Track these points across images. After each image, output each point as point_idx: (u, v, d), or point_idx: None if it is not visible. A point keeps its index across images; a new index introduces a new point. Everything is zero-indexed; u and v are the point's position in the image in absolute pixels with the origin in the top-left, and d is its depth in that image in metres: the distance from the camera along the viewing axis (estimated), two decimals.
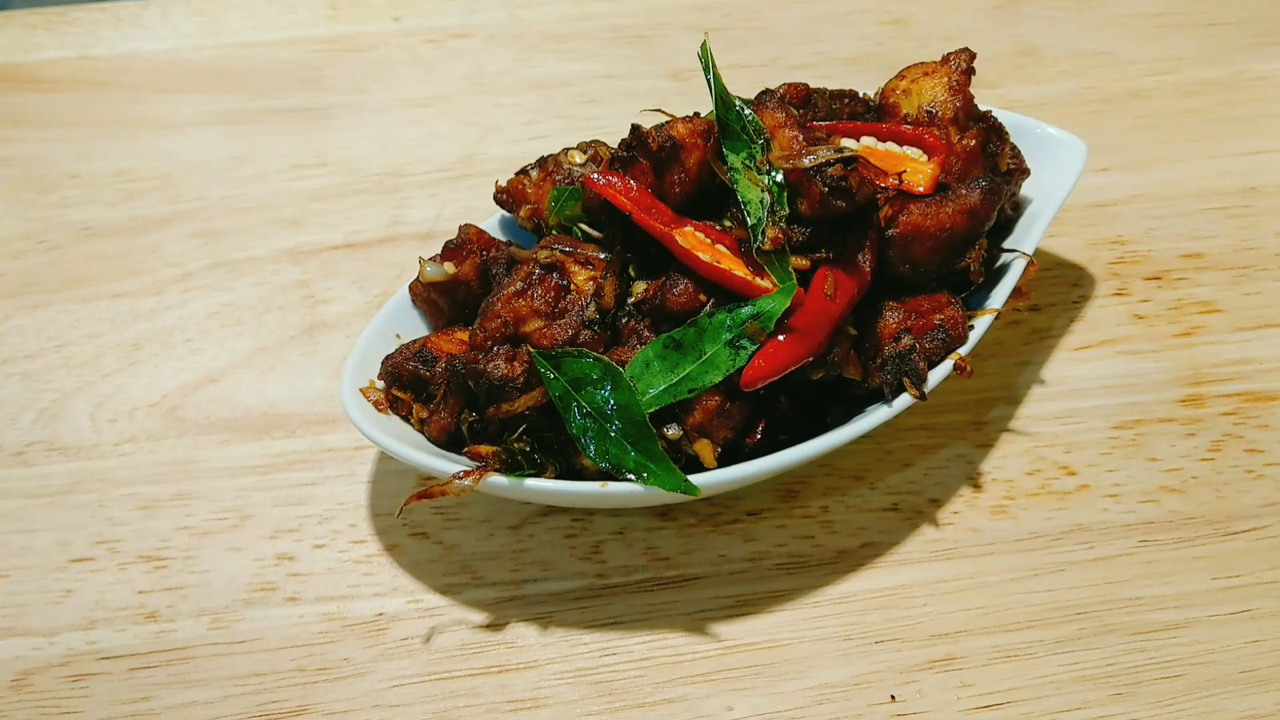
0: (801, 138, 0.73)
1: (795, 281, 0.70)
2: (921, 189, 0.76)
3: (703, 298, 0.71)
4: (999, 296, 0.79)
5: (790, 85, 0.81)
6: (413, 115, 1.15)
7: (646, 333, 0.72)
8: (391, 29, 1.26)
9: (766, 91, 0.78)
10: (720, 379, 0.69)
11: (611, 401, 0.68)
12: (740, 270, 0.71)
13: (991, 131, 0.82)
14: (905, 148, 0.78)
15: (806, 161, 0.71)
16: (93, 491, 0.82)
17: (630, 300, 0.73)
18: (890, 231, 0.75)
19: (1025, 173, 0.84)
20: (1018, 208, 0.86)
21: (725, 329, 0.70)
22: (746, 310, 0.69)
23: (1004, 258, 0.81)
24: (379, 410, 0.76)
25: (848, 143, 0.78)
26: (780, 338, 0.69)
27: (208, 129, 1.14)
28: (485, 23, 1.27)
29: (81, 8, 1.29)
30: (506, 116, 1.14)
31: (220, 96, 1.18)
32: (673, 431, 0.69)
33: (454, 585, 0.76)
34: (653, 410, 0.69)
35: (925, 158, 0.77)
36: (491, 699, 0.70)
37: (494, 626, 0.74)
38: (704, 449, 0.69)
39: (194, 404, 0.88)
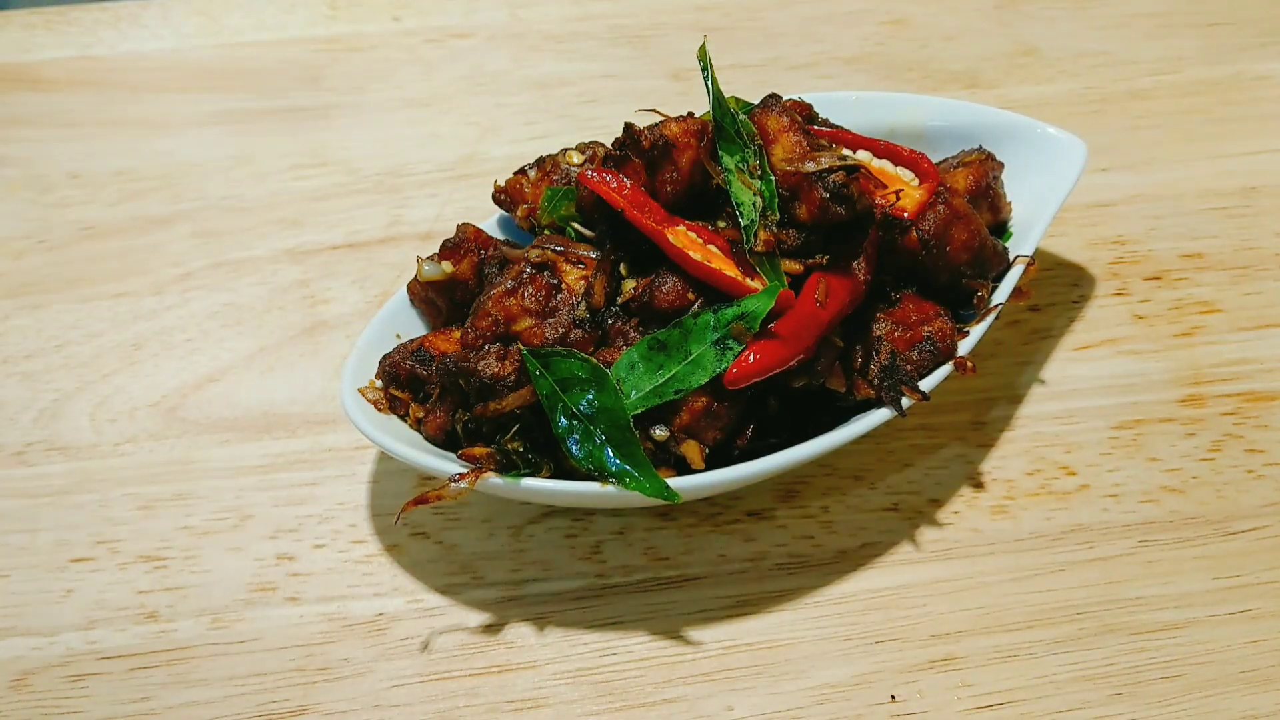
0: (805, 143, 0.73)
1: (784, 283, 0.70)
2: (907, 215, 0.76)
3: (691, 296, 0.71)
4: (999, 296, 0.79)
5: (794, 102, 0.81)
6: (413, 115, 1.15)
7: (633, 333, 0.72)
8: (391, 29, 1.26)
9: (773, 96, 0.78)
10: (706, 380, 0.68)
11: (597, 404, 0.68)
12: (731, 270, 0.70)
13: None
14: (899, 169, 0.78)
15: (809, 166, 0.71)
16: (93, 491, 0.82)
17: (619, 299, 0.73)
18: (922, 226, 0.75)
19: (1001, 165, 0.85)
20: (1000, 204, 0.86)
21: (711, 329, 0.69)
22: (731, 310, 0.69)
23: None
24: (379, 410, 0.76)
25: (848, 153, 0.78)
26: (766, 340, 0.69)
27: (208, 129, 1.14)
28: (485, 23, 1.26)
29: (81, 8, 1.29)
30: (506, 116, 1.14)
31: (220, 96, 1.18)
32: (660, 433, 0.69)
33: (454, 585, 0.76)
34: (637, 413, 0.68)
35: (917, 182, 0.78)
36: (491, 699, 0.70)
37: (494, 626, 0.74)
38: (691, 450, 0.69)
39: (194, 404, 0.88)
